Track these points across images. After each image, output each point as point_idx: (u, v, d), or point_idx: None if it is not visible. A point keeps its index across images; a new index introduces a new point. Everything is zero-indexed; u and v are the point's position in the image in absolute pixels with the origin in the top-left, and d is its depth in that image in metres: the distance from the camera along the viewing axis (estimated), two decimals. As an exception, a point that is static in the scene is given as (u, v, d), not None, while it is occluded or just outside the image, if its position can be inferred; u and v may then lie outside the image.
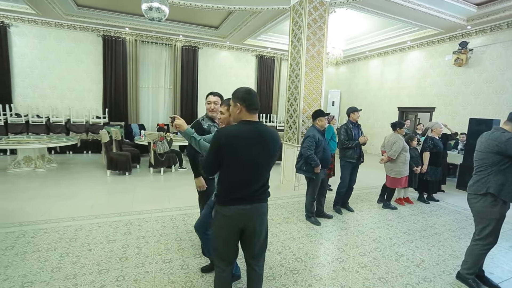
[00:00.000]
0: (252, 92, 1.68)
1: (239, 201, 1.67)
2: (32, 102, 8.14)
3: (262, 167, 1.69)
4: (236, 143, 1.58)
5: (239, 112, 1.66)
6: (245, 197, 1.67)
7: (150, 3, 4.87)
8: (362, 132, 4.26)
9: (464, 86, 7.36)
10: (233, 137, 1.59)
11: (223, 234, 1.73)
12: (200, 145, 2.01)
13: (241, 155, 1.60)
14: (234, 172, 1.63)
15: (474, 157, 2.41)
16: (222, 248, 1.77)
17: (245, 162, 1.61)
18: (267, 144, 1.67)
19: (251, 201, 1.69)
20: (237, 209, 1.66)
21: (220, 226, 1.72)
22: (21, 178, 5.34)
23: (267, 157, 1.69)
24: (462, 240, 3.44)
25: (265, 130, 1.68)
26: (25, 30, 7.88)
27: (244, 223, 1.70)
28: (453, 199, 5.19)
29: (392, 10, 6.01)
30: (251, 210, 1.69)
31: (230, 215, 1.67)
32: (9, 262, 2.52)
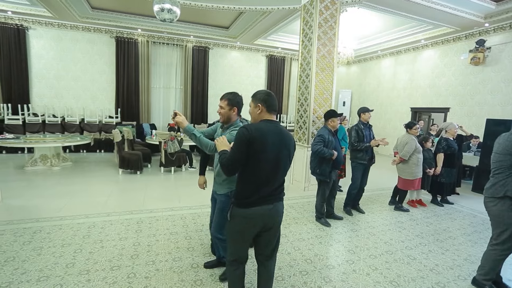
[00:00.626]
0: (272, 95, 1.77)
1: (262, 201, 1.70)
2: (48, 102, 8.40)
3: (283, 165, 1.74)
4: (264, 138, 1.63)
5: (260, 112, 1.74)
6: (268, 197, 1.71)
7: (162, 5, 4.94)
8: (373, 134, 4.19)
9: (481, 86, 7.13)
10: (261, 133, 1.63)
11: (243, 236, 1.77)
12: (201, 141, 2.05)
13: (267, 151, 1.64)
14: (259, 169, 1.65)
15: (492, 159, 2.33)
16: (240, 248, 1.81)
17: (270, 159, 1.66)
18: (287, 143, 1.74)
19: (272, 201, 1.74)
20: (260, 210, 1.70)
21: (241, 228, 1.74)
22: (37, 175, 5.52)
23: (287, 155, 1.75)
24: (478, 245, 3.33)
25: (284, 129, 1.76)
26: (43, 32, 8.14)
27: (264, 223, 1.74)
28: (468, 202, 5.03)
29: (406, 8, 5.88)
30: (273, 209, 1.74)
31: (252, 216, 1.70)
32: (26, 257, 2.61)
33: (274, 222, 1.77)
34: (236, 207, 1.72)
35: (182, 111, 9.89)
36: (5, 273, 2.35)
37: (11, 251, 2.70)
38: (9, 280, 2.26)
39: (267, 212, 1.71)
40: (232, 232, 1.78)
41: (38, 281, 2.26)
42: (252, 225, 1.72)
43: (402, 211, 4.36)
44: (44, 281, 2.27)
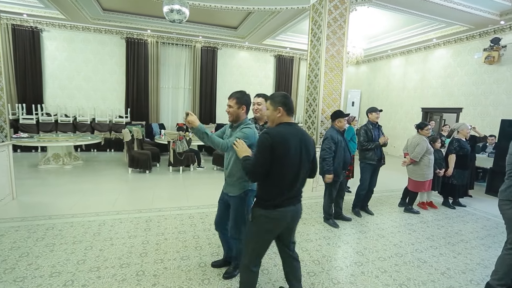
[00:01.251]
0: (289, 97, 1.81)
1: (286, 203, 1.74)
2: (60, 102, 8.60)
3: (304, 166, 1.77)
4: (286, 143, 1.66)
5: (280, 115, 1.76)
6: (292, 198, 1.76)
7: (171, 6, 4.99)
8: (383, 133, 4.13)
9: (496, 85, 6.93)
10: (283, 137, 1.67)
11: (266, 237, 1.81)
12: (213, 140, 2.07)
13: (290, 155, 1.67)
14: (283, 173, 1.69)
15: (507, 160, 2.26)
16: (260, 249, 1.84)
17: (293, 163, 1.69)
18: (308, 145, 1.77)
19: (295, 202, 1.79)
20: (285, 211, 1.74)
21: (265, 229, 1.77)
22: (50, 174, 5.66)
23: (308, 156, 1.78)
24: (491, 249, 3.24)
25: (303, 131, 1.81)
26: (56, 34, 8.34)
27: (288, 223, 1.80)
28: (481, 205, 4.90)
29: (417, 7, 5.77)
30: (295, 210, 1.79)
31: (278, 217, 1.74)
32: (39, 253, 2.67)
33: (295, 223, 1.86)
34: (261, 208, 1.74)
35: (191, 111, 9.94)
36: (20, 268, 2.42)
37: (25, 247, 2.77)
38: (23, 275, 2.32)
39: (290, 214, 1.77)
40: (254, 233, 1.80)
41: (51, 277, 2.32)
42: (276, 226, 1.77)
43: (412, 213, 4.28)
44: (56, 277, 2.32)
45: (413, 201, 4.38)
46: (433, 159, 4.19)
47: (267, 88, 10.94)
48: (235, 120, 2.22)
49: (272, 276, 2.49)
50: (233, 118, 2.21)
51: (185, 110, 9.94)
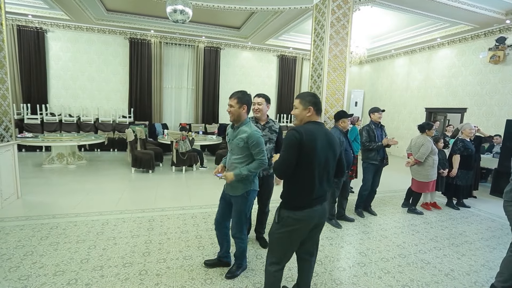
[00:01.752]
0: (318, 97, 1.83)
1: (314, 203, 1.74)
2: (65, 102, 8.67)
3: (331, 166, 1.79)
4: (315, 141, 1.66)
5: (310, 114, 1.78)
6: (319, 198, 1.76)
7: (175, 6, 5.01)
8: (385, 134, 4.11)
9: (501, 85, 6.86)
10: (312, 136, 1.66)
11: (294, 238, 1.78)
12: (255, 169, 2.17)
13: (317, 153, 1.67)
14: (310, 172, 1.68)
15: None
16: (288, 250, 1.83)
17: (319, 161, 1.69)
18: (334, 144, 1.78)
19: (322, 201, 1.79)
20: (312, 211, 1.73)
21: (293, 230, 1.74)
22: (54, 173, 5.70)
23: (334, 156, 1.78)
24: (496, 250, 3.20)
25: (329, 131, 1.82)
26: (60, 35, 8.41)
27: (315, 223, 1.79)
28: (486, 206, 4.85)
29: (421, 6, 5.73)
30: (321, 209, 1.79)
31: (306, 218, 1.73)
32: (44, 252, 2.70)
33: (322, 221, 1.84)
34: (287, 209, 1.73)
35: (194, 111, 10.00)
36: (24, 266, 2.44)
37: (30, 245, 2.80)
38: (27, 274, 2.34)
39: (318, 214, 1.76)
40: (280, 235, 1.78)
41: (55, 275, 2.34)
42: (304, 227, 1.75)
43: (416, 214, 4.25)
44: (60, 276, 2.34)
45: (417, 202, 4.36)
46: (437, 160, 4.17)
47: (269, 88, 10.94)
48: (236, 120, 2.23)
49: (275, 276, 2.48)
50: (234, 118, 2.22)
51: (188, 110, 9.98)
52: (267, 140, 2.75)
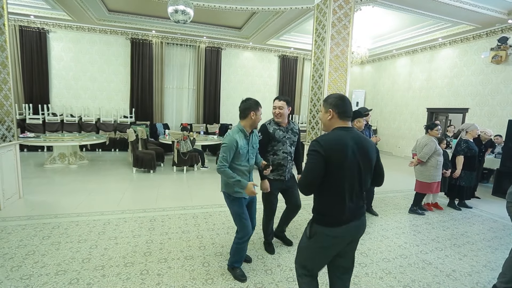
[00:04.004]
0: (345, 99, 1.59)
1: (351, 218, 1.55)
2: (66, 102, 8.70)
3: (365, 175, 1.57)
4: (340, 151, 1.48)
5: (331, 118, 1.59)
6: (354, 212, 1.56)
7: (176, 6, 5.02)
8: (374, 134, 4.12)
9: (503, 85, 6.83)
10: (336, 145, 1.49)
11: (326, 253, 1.63)
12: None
13: (347, 163, 1.48)
14: (340, 184, 1.50)
15: (514, 161, 2.22)
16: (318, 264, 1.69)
17: (350, 172, 1.50)
18: (367, 151, 1.57)
19: (360, 215, 1.60)
20: (349, 227, 1.56)
21: (326, 246, 1.59)
22: (56, 173, 5.72)
23: (368, 163, 1.58)
24: (498, 251, 3.19)
25: (361, 136, 1.59)
26: (62, 35, 8.44)
27: (351, 239, 1.63)
28: (488, 207, 4.83)
29: (423, 6, 5.72)
30: (359, 223, 1.61)
31: (340, 235, 1.56)
32: (45, 251, 2.71)
33: (359, 236, 1.67)
34: (321, 225, 1.57)
35: (195, 112, 10.01)
36: (26, 266, 2.45)
37: (32, 245, 2.81)
38: (29, 273, 2.35)
39: (355, 229, 1.59)
40: (311, 250, 1.64)
41: (56, 275, 2.34)
42: (338, 243, 1.59)
43: (417, 214, 4.23)
44: (62, 275, 2.35)
45: (418, 203, 4.34)
46: (441, 161, 4.11)
47: (271, 88, 10.95)
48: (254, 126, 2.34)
49: (276, 276, 2.49)
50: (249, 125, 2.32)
51: (189, 110, 9.99)
52: (291, 143, 2.73)
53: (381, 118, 10.84)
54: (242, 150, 2.23)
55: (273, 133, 2.65)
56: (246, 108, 2.27)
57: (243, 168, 2.30)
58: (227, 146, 2.18)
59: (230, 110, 10.48)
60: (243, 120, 2.30)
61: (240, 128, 2.29)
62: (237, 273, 2.42)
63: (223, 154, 2.19)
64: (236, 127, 2.32)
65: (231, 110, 10.49)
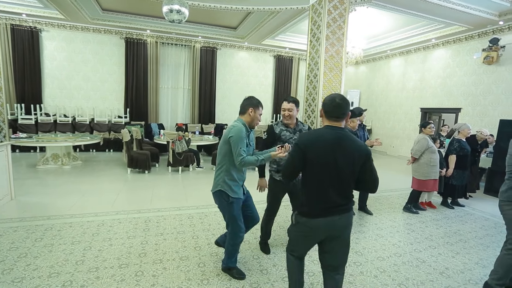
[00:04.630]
0: (335, 100, 1.64)
1: (329, 212, 1.64)
2: (59, 102, 8.59)
3: (343, 175, 1.61)
4: (316, 147, 1.60)
5: (322, 118, 1.73)
6: (334, 207, 1.64)
7: (171, 6, 4.99)
8: (367, 134, 4.15)
9: (495, 85, 6.95)
10: (314, 140, 1.63)
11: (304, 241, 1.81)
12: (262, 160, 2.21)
13: (320, 160, 1.59)
14: (314, 179, 1.64)
15: (507, 161, 2.26)
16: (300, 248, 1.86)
17: (323, 169, 1.60)
18: (350, 152, 1.61)
19: (340, 212, 1.66)
20: (324, 221, 1.65)
21: (303, 234, 1.77)
22: (49, 174, 5.65)
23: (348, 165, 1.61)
24: (490, 249, 3.24)
25: (345, 136, 1.63)
26: (55, 34, 8.33)
27: (328, 233, 1.70)
28: (480, 205, 4.91)
29: (416, 7, 5.78)
30: (341, 220, 1.67)
31: (314, 227, 1.69)
32: (38, 253, 2.67)
33: (341, 233, 1.71)
34: (301, 215, 1.73)
35: (190, 111, 9.98)
36: (18, 268, 2.41)
37: (24, 247, 2.77)
38: (21, 276, 2.31)
39: (331, 223, 1.66)
40: (297, 233, 1.82)
41: (49, 277, 2.31)
42: (316, 234, 1.72)
43: (411, 213, 4.27)
44: (55, 277, 2.32)
45: (414, 200, 4.36)
46: (436, 158, 4.14)
47: (266, 88, 10.96)
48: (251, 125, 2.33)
49: (271, 276, 2.49)
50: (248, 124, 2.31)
51: (184, 110, 9.95)
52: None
53: (375, 118, 10.93)
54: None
55: (280, 133, 2.63)
56: (247, 104, 2.28)
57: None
58: (237, 137, 2.13)
59: (225, 110, 10.47)
60: (242, 115, 2.30)
61: (242, 122, 2.26)
62: (234, 272, 2.43)
63: (238, 147, 2.12)
64: (237, 121, 2.27)
65: (226, 110, 10.47)
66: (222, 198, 2.27)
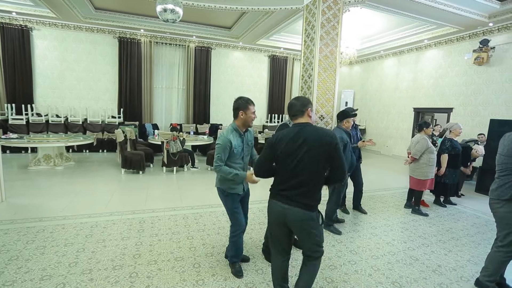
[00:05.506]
0: (291, 101, 1.92)
1: (280, 197, 1.84)
2: (52, 102, 8.46)
3: (303, 165, 1.74)
4: (280, 140, 1.82)
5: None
6: (284, 195, 1.82)
7: (165, 5, 4.96)
8: (360, 134, 4.17)
9: (485, 86, 7.08)
10: (280, 135, 1.85)
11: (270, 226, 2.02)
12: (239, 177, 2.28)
13: (282, 151, 1.80)
14: (279, 167, 1.85)
15: (497, 160, 2.31)
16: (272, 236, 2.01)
17: (287, 159, 1.79)
18: (314, 146, 1.73)
19: (286, 201, 1.81)
20: (275, 204, 1.86)
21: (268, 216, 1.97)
22: (41, 175, 5.56)
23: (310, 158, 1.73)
24: (481, 246, 3.30)
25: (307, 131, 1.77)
26: (46, 33, 8.20)
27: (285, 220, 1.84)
28: (472, 203, 5.00)
29: (409, 8, 5.86)
30: (283, 209, 1.82)
31: (271, 207, 1.91)
32: (29, 256, 2.62)
33: (294, 226, 1.82)
34: (269, 196, 1.94)
35: (185, 111, 9.93)
36: (9, 272, 2.37)
37: (15, 250, 2.72)
38: (12, 279, 2.27)
39: (279, 209, 1.83)
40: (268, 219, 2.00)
41: (41, 280, 2.28)
42: (273, 215, 1.89)
43: (420, 215, 4.23)
44: (47, 280, 2.28)
45: (419, 201, 4.37)
46: (434, 158, 4.18)
47: (261, 88, 10.97)
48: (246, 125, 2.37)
49: (267, 276, 2.49)
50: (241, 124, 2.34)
51: (179, 110, 9.91)
52: None
53: (369, 118, 11.03)
54: (237, 149, 2.28)
55: None
56: (235, 108, 2.31)
57: (237, 165, 2.33)
58: (221, 146, 2.24)
59: (220, 110, 10.45)
60: (235, 119, 2.34)
61: (234, 127, 2.32)
62: (236, 268, 2.50)
63: (218, 154, 2.24)
64: (230, 126, 2.35)
65: (221, 110, 10.45)
66: (221, 193, 2.43)
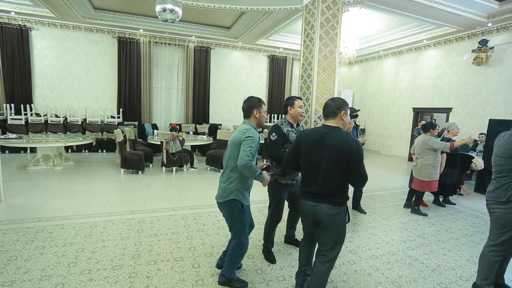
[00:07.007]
0: (327, 102, 1.99)
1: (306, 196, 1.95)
2: (51, 102, 8.44)
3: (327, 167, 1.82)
4: (306, 141, 1.92)
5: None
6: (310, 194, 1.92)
7: (164, 5, 4.95)
8: (360, 133, 4.18)
9: (484, 86, 7.09)
10: (307, 135, 1.95)
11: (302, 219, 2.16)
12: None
13: (308, 152, 1.90)
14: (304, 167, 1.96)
15: (492, 161, 2.30)
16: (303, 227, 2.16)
17: (312, 160, 1.88)
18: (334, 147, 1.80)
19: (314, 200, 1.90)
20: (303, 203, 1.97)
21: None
22: (40, 175, 5.55)
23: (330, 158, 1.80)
24: (480, 246, 3.31)
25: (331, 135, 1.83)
26: (45, 33, 8.19)
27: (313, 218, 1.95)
28: (470, 203, 5.01)
29: (408, 8, 5.86)
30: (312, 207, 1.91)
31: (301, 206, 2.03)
32: (28, 256, 2.62)
33: (321, 221, 1.90)
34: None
35: (184, 111, 9.92)
36: (8, 272, 2.37)
37: (14, 250, 2.71)
38: (11, 279, 2.27)
39: (308, 209, 1.94)
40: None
41: (40, 280, 2.27)
42: (302, 212, 2.05)
43: (420, 215, 4.24)
44: (46, 280, 2.28)
45: (419, 201, 4.36)
46: (439, 160, 4.16)
47: (260, 88, 10.97)
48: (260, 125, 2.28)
49: (266, 275, 2.50)
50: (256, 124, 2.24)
51: (178, 110, 9.90)
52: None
53: (368, 118, 11.04)
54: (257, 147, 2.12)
55: (288, 134, 2.51)
56: (248, 107, 2.18)
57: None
58: (254, 139, 2.01)
59: (219, 110, 10.44)
60: (248, 119, 2.20)
61: (253, 125, 2.17)
62: (236, 282, 2.28)
63: (251, 147, 1.98)
64: (248, 125, 2.15)
65: (220, 110, 10.45)
66: (235, 206, 2.11)
